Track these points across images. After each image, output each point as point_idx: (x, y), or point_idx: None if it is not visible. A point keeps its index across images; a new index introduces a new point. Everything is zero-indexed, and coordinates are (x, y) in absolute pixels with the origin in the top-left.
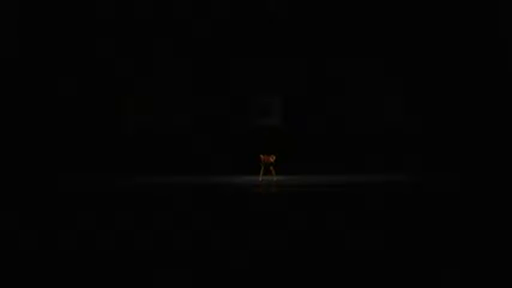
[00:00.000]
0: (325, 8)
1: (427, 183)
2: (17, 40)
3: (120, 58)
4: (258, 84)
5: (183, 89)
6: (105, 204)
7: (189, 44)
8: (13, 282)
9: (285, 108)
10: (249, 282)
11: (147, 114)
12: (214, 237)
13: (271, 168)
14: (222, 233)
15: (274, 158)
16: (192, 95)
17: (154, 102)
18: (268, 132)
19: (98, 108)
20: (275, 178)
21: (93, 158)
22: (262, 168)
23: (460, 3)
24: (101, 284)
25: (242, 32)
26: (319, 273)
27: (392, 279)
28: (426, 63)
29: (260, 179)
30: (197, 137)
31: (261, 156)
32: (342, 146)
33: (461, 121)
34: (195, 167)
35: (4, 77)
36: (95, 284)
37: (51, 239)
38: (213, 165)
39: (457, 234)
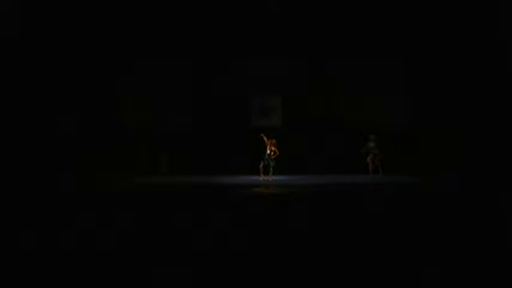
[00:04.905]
0: (325, 8)
1: (426, 184)
2: (17, 40)
3: (120, 58)
4: (258, 84)
5: (183, 89)
6: (105, 204)
7: (189, 44)
8: (13, 281)
9: (285, 108)
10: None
11: (147, 115)
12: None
13: (270, 166)
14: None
15: (274, 150)
16: (192, 95)
17: (154, 102)
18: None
19: (97, 109)
20: (270, 178)
21: (93, 158)
22: (262, 168)
23: (460, 3)
24: (101, 284)
25: (242, 32)
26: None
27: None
28: (426, 63)
29: (261, 178)
30: (197, 137)
31: (263, 136)
32: (342, 146)
33: (461, 121)
34: (195, 167)
35: (4, 76)
36: (95, 283)
37: (51, 238)
38: (214, 165)
39: (453, 235)
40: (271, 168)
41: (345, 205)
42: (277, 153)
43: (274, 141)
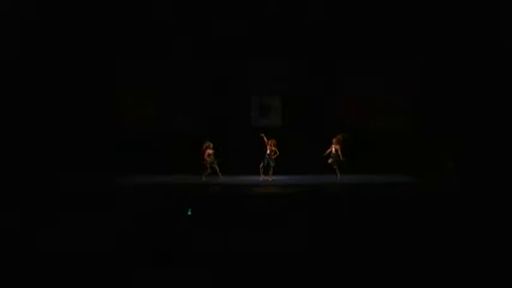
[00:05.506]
0: (325, 8)
1: (424, 184)
2: (17, 39)
3: (121, 58)
4: (258, 84)
5: (183, 89)
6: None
7: (189, 44)
8: (13, 281)
9: (285, 108)
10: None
11: (147, 115)
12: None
13: (270, 166)
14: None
15: (274, 150)
16: (192, 95)
17: (154, 102)
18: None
19: (97, 109)
20: (270, 178)
21: (93, 158)
22: (262, 168)
23: (460, 3)
24: (101, 283)
25: (242, 32)
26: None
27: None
28: (426, 63)
29: (261, 178)
30: (197, 137)
31: (263, 136)
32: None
33: (461, 122)
34: (195, 167)
35: (4, 76)
36: (95, 283)
37: (51, 239)
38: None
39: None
40: (271, 168)
41: (342, 204)
42: (277, 153)
43: (274, 141)
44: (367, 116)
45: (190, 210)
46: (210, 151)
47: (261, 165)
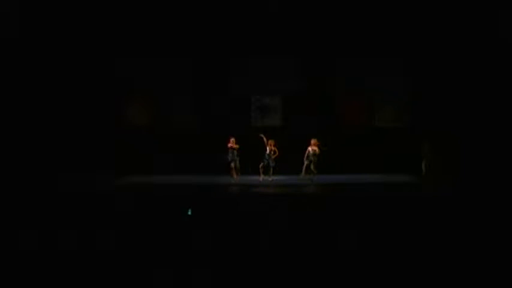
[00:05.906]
0: (325, 8)
1: (423, 185)
2: (17, 39)
3: (120, 58)
4: (258, 84)
5: (183, 89)
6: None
7: (189, 44)
8: (13, 281)
9: (285, 108)
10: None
11: (147, 115)
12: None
13: (270, 166)
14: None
15: (274, 150)
16: (192, 95)
17: (154, 102)
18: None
19: (97, 108)
20: (270, 178)
21: (93, 158)
22: (262, 168)
23: (460, 3)
24: (101, 284)
25: (242, 32)
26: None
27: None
28: (427, 63)
29: (261, 178)
30: (197, 137)
31: (262, 136)
32: (341, 146)
33: (461, 122)
34: (195, 167)
35: (4, 76)
36: (95, 283)
37: (51, 239)
38: (214, 165)
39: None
40: (271, 168)
41: (342, 204)
42: (277, 153)
43: (274, 141)
44: (367, 115)
45: (190, 210)
46: (233, 145)
47: (261, 165)
